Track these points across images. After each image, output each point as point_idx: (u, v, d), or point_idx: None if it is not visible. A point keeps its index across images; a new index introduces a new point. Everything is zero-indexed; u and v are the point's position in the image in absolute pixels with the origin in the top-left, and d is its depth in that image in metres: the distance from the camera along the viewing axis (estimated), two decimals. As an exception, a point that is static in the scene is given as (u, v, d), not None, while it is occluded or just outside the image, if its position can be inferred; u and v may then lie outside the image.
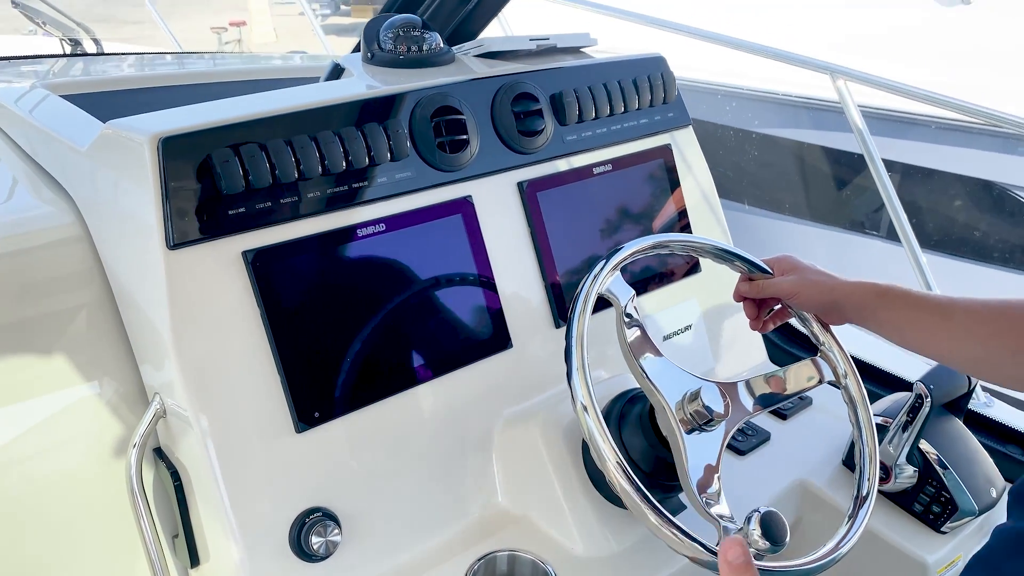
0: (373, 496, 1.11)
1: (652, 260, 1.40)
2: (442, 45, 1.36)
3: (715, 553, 0.87)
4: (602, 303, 1.00)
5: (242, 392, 1.04)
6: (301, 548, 1.02)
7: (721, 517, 0.92)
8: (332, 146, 1.08)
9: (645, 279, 1.37)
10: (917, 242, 1.81)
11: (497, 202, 1.25)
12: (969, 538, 1.22)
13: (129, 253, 1.12)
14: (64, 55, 2.08)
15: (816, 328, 1.11)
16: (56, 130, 1.32)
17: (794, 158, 3.99)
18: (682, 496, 1.10)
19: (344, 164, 1.09)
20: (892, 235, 3.68)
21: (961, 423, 1.27)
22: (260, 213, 1.05)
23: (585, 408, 0.92)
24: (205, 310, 1.03)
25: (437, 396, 1.16)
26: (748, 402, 1.03)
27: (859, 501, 1.02)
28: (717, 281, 1.46)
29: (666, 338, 1.37)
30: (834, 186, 4.01)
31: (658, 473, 1.04)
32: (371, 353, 1.11)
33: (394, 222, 1.13)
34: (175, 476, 1.12)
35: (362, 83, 1.29)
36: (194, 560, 1.15)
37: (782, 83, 3.78)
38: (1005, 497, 1.23)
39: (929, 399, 1.18)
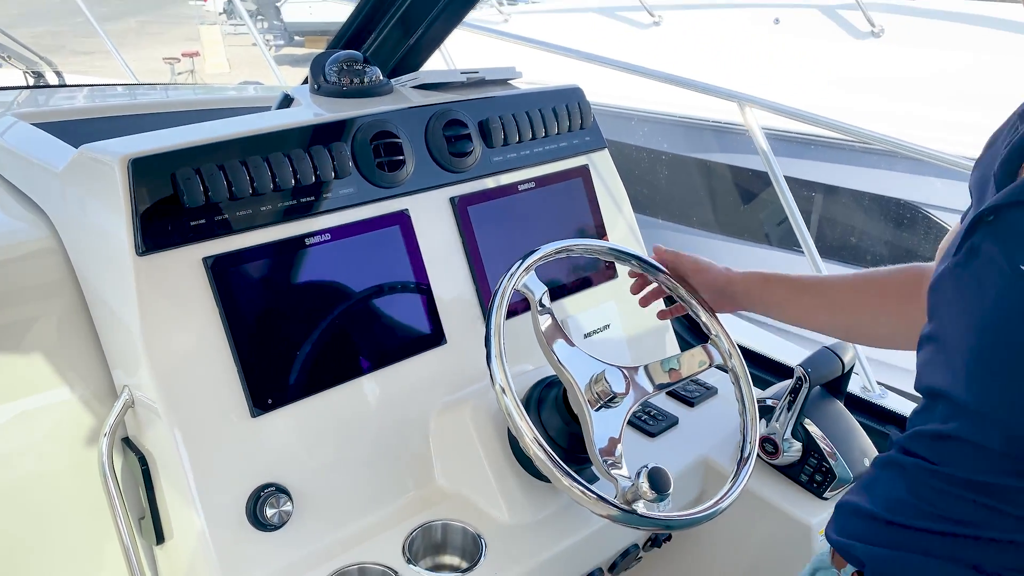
0: (321, 473, 1.20)
1: (575, 267, 1.53)
2: (382, 78, 1.47)
3: (622, 508, 1.01)
4: (526, 306, 1.13)
5: (203, 383, 1.14)
6: (257, 519, 1.11)
7: (620, 476, 1.06)
8: (282, 166, 1.19)
9: (569, 284, 1.51)
10: (817, 251, 1.97)
11: (432, 215, 1.37)
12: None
13: (101, 262, 1.20)
14: (29, 86, 2.14)
15: (705, 318, 1.24)
16: (30, 154, 1.42)
17: (703, 177, 4.15)
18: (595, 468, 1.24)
19: (292, 181, 1.20)
20: (794, 244, 3.86)
21: (841, 404, 1.41)
22: (218, 224, 1.15)
23: (503, 390, 1.03)
24: (170, 310, 1.13)
25: (379, 386, 1.26)
26: (647, 384, 1.16)
27: (741, 462, 1.14)
28: (626, 289, 1.61)
29: (587, 335, 1.49)
30: (739, 202, 4.18)
31: (574, 449, 1.16)
32: (319, 347, 1.22)
33: (338, 232, 1.25)
34: (142, 462, 1.20)
35: (309, 111, 1.39)
36: (160, 538, 1.22)
37: (693, 108, 3.93)
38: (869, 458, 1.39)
39: (807, 381, 1.33)
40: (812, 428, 1.37)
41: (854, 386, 1.67)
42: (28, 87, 2.08)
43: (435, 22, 1.69)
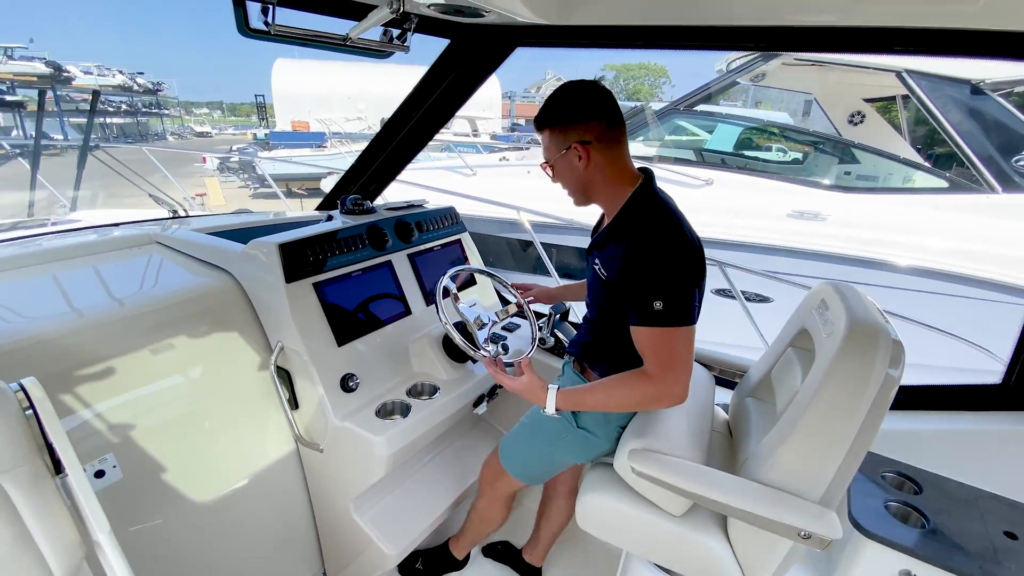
0: (369, 364, 1.51)
1: (460, 280, 2.02)
2: (372, 205, 1.88)
3: (491, 358, 1.49)
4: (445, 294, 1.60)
5: (316, 335, 1.43)
6: (345, 387, 1.44)
7: (489, 350, 1.54)
8: (341, 244, 1.59)
9: (459, 286, 1.98)
10: (556, 274, 2.55)
11: (401, 263, 1.76)
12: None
13: (266, 288, 1.47)
14: (170, 217, 2.29)
15: (516, 291, 1.75)
16: (215, 244, 1.64)
17: (506, 245, 4.55)
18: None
19: (345, 249, 1.60)
20: (541, 271, 4.52)
21: (567, 323, 1.95)
22: (316, 269, 1.49)
23: (446, 323, 1.47)
24: (300, 305, 1.44)
25: (387, 332, 1.63)
26: (494, 318, 1.66)
27: (532, 342, 1.63)
28: (482, 290, 2.12)
29: (471, 305, 1.99)
30: (521, 255, 4.65)
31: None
32: (364, 317, 1.58)
33: (365, 271, 1.63)
34: (287, 375, 1.47)
35: (339, 221, 1.69)
36: (295, 405, 1.48)
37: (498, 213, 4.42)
38: None
39: (555, 314, 1.90)
40: (557, 333, 1.91)
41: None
42: (170, 218, 2.24)
43: (386, 177, 2.14)
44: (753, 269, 2.66)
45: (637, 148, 5.12)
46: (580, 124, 1.15)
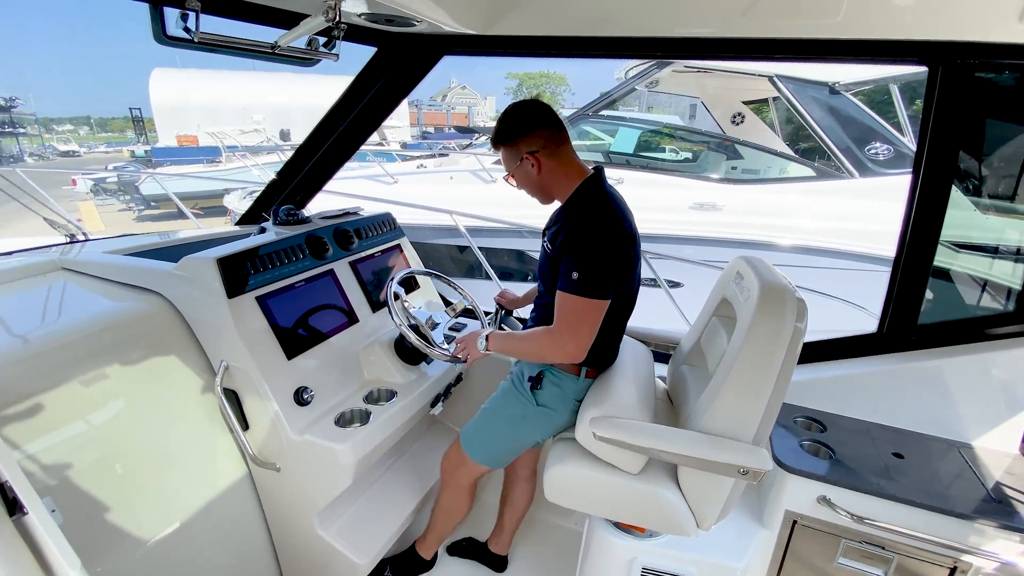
0: (321, 375, 1.48)
1: (406, 283, 2.03)
2: (306, 215, 1.84)
3: (450, 355, 1.52)
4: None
5: (264, 351, 1.39)
6: (299, 401, 1.41)
7: (447, 348, 1.59)
8: (279, 255, 1.55)
9: (405, 290, 2.00)
10: (497, 277, 2.62)
11: (343, 271, 1.73)
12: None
13: (204, 306, 1.40)
14: (70, 241, 2.07)
15: (463, 291, 1.82)
16: (139, 265, 1.53)
17: (443, 251, 4.51)
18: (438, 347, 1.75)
19: (285, 260, 1.57)
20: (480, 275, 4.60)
21: (513, 318, 2.04)
22: (258, 282, 1.44)
23: (400, 325, 1.50)
24: (245, 320, 1.38)
25: (334, 343, 1.60)
26: (447, 317, 1.71)
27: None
28: (426, 292, 2.14)
29: (418, 308, 2.01)
30: (458, 260, 4.66)
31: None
32: (312, 328, 1.54)
33: (307, 281, 1.59)
34: (234, 395, 1.41)
35: (274, 232, 1.66)
36: (245, 426, 1.42)
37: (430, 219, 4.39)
38: None
39: (502, 310, 1.98)
40: (504, 327, 1.99)
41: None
42: (69, 242, 2.03)
43: (312, 187, 2.10)
44: (672, 256, 2.91)
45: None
46: (527, 137, 1.31)
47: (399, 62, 1.77)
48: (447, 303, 2.31)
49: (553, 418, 1.41)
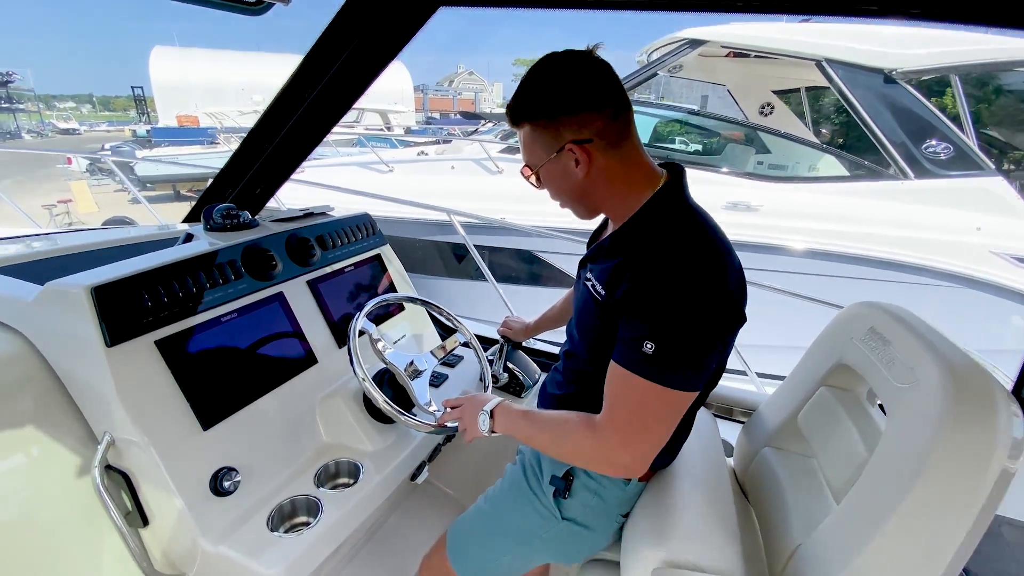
0: (255, 454, 1.08)
1: (383, 306, 1.57)
2: (251, 217, 1.39)
3: (435, 425, 1.08)
4: (360, 334, 1.13)
5: (166, 418, 0.98)
6: (218, 489, 0.99)
7: (434, 411, 1.13)
8: (197, 277, 1.10)
9: (386, 315, 1.53)
10: (494, 279, 2.18)
11: (298, 293, 1.30)
12: (532, 401, 1.57)
13: (76, 355, 0.98)
14: None
15: (455, 322, 1.36)
16: (2, 291, 1.08)
17: (433, 249, 4.09)
18: (414, 409, 1.30)
19: (208, 284, 1.11)
20: (479, 277, 4.14)
21: (521, 351, 1.58)
22: (160, 320, 1.01)
23: (364, 380, 1.06)
24: (135, 378, 0.96)
25: (282, 395, 1.17)
26: (433, 360, 1.25)
27: (486, 388, 1.28)
28: (412, 315, 1.68)
29: (395, 342, 1.55)
30: (452, 259, 4.18)
31: (401, 403, 1.20)
32: (240, 380, 1.10)
33: (242, 311, 1.15)
34: (126, 478, 1.00)
35: (205, 243, 1.24)
36: (144, 522, 1.02)
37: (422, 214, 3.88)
38: (541, 376, 1.61)
39: (508, 344, 1.52)
40: (511, 365, 1.53)
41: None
42: None
43: (274, 178, 1.63)
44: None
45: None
46: (576, 116, 0.80)
47: (378, 15, 1.28)
48: (444, 332, 1.84)
49: (584, 539, 0.96)
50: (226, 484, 1.01)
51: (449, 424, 1.07)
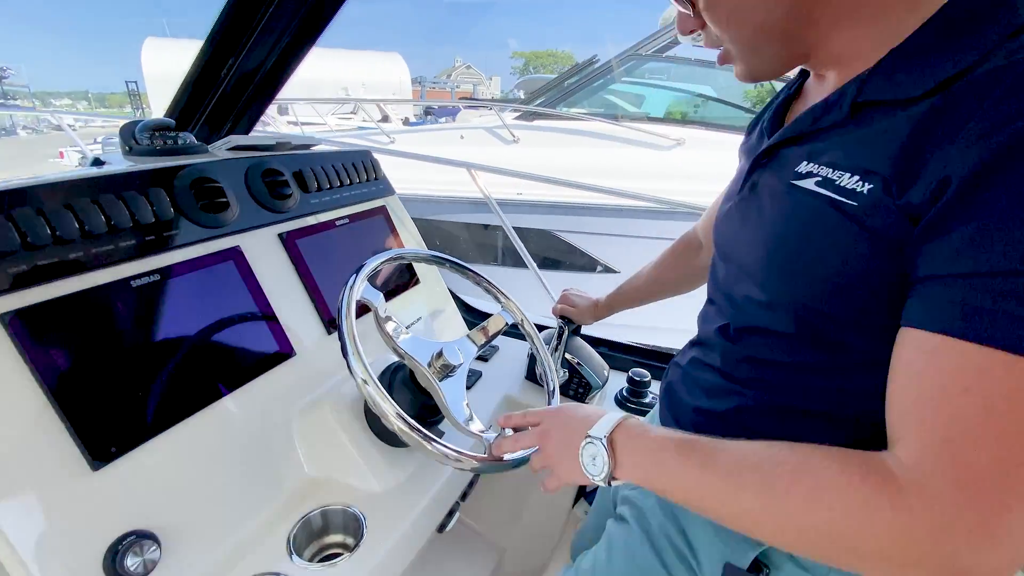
0: (188, 504, 0.65)
1: (394, 278, 1.14)
2: (196, 141, 0.96)
3: (486, 459, 0.66)
4: (360, 311, 0.70)
5: (23, 452, 0.56)
6: (118, 571, 0.58)
7: (481, 432, 0.71)
8: (91, 212, 0.66)
9: (392, 290, 1.11)
10: (535, 263, 1.75)
11: (264, 249, 0.86)
12: (597, 402, 1.14)
13: None
14: None
15: (498, 294, 0.92)
16: None
17: (457, 229, 3.65)
18: (441, 426, 0.87)
19: (106, 227, 0.67)
20: (506, 263, 3.69)
21: (581, 339, 1.17)
22: (14, 278, 0.58)
23: (365, 381, 0.63)
24: None
25: (237, 405, 0.75)
26: (472, 348, 0.83)
27: (550, 395, 0.84)
28: (430, 289, 1.25)
29: (409, 327, 1.12)
30: (476, 243, 3.74)
31: (422, 417, 0.79)
32: (163, 384, 0.67)
33: (168, 272, 0.72)
34: None
35: (123, 166, 0.80)
36: None
37: (445, 189, 3.41)
38: (611, 375, 1.19)
39: (568, 327, 1.09)
40: (570, 358, 1.12)
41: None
42: None
43: (253, 103, 1.19)
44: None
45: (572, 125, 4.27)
46: None
47: None
48: (470, 317, 1.41)
49: None
50: (131, 565, 0.58)
51: (514, 457, 0.64)
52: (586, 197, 3.30)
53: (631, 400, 1.14)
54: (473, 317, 1.47)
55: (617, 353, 1.30)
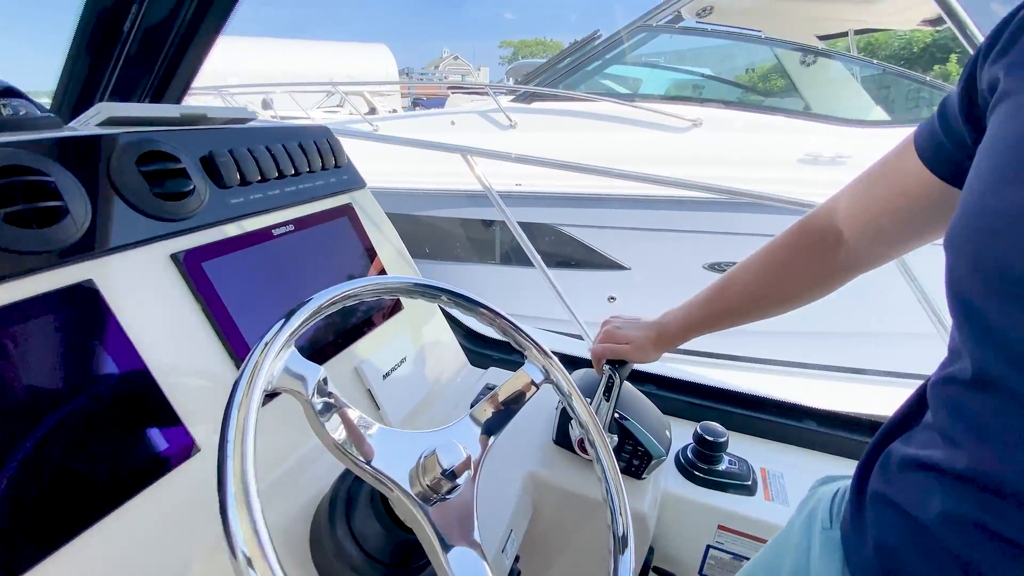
0: None
1: (360, 307, 0.82)
2: (39, 112, 0.62)
3: None
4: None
5: None
6: None
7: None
8: None
9: (357, 326, 0.78)
10: (541, 259, 1.43)
11: (143, 281, 0.53)
12: (658, 477, 0.83)
13: None
14: None
15: (519, 336, 0.59)
16: None
17: (448, 225, 3.28)
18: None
19: None
20: (508, 262, 3.36)
21: (633, 387, 0.86)
22: None
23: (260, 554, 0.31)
24: None
25: (102, 541, 0.43)
26: (475, 432, 0.51)
27: (605, 482, 0.53)
28: (418, 314, 0.93)
29: (386, 375, 0.80)
30: (467, 238, 3.41)
31: (401, 562, 0.48)
32: None
33: None
34: None
35: None
36: None
37: (438, 180, 3.06)
38: (673, 436, 0.87)
39: (617, 376, 0.77)
40: (620, 416, 0.79)
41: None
42: None
43: (173, 66, 0.85)
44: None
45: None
46: None
47: None
48: (478, 351, 1.12)
49: None
50: None
51: None
52: (592, 187, 2.97)
53: (700, 466, 0.83)
54: (478, 346, 1.14)
55: (668, 392, 0.98)
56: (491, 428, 0.51)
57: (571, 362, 1.09)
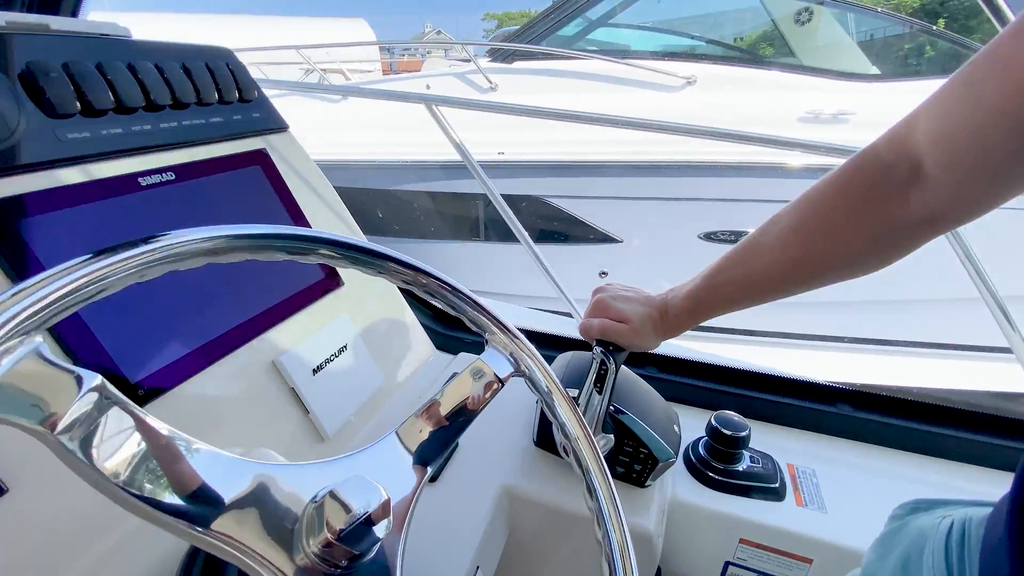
0: None
1: (283, 281, 0.64)
2: None
3: None
4: None
5: None
6: None
7: None
8: None
9: (275, 307, 0.60)
10: (527, 234, 1.24)
11: None
12: (665, 481, 0.67)
13: None
14: None
15: (471, 308, 0.42)
16: None
17: (417, 200, 3.09)
18: None
19: None
20: (489, 238, 3.16)
21: (630, 371, 0.70)
22: None
23: None
24: None
25: None
26: (407, 462, 0.34)
27: (595, 501, 0.37)
28: (367, 290, 0.75)
29: (318, 369, 0.62)
30: (440, 214, 3.19)
31: None
32: None
33: None
34: None
35: None
36: None
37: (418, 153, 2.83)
38: (682, 432, 0.71)
39: (612, 361, 0.60)
40: (616, 409, 0.63)
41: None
42: None
43: None
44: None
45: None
46: None
47: None
48: (447, 334, 0.95)
49: None
50: None
51: None
52: (579, 155, 2.78)
53: (715, 467, 0.68)
54: (447, 328, 0.96)
55: (673, 376, 0.82)
56: (429, 452, 0.35)
57: (558, 344, 0.92)
